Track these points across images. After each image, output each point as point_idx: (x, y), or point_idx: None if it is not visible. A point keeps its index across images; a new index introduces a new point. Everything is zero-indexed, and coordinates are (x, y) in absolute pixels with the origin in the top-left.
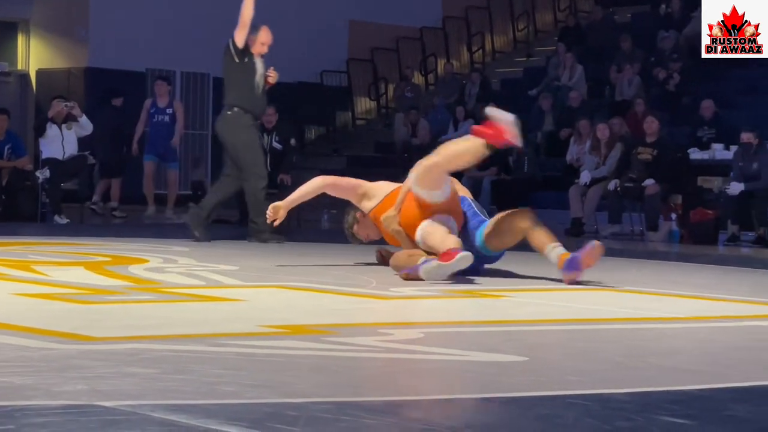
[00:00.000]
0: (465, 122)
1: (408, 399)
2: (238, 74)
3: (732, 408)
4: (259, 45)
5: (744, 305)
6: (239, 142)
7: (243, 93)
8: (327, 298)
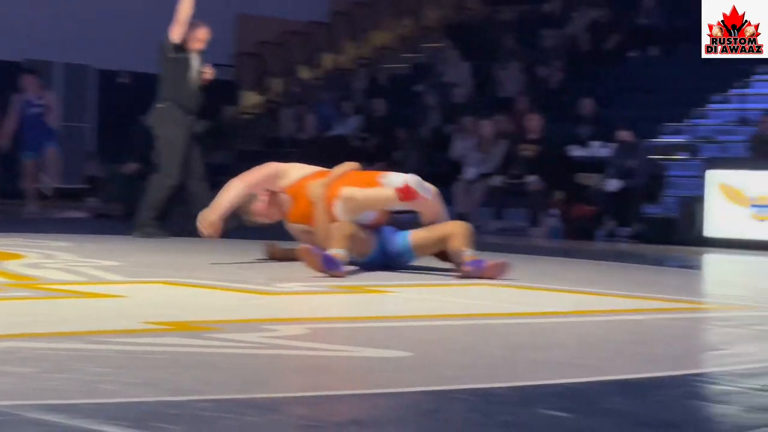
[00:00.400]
0: (352, 117)
1: (293, 396)
2: (172, 69)
3: (609, 401)
4: (196, 41)
5: (620, 300)
6: (163, 136)
7: (176, 88)
8: (211, 294)
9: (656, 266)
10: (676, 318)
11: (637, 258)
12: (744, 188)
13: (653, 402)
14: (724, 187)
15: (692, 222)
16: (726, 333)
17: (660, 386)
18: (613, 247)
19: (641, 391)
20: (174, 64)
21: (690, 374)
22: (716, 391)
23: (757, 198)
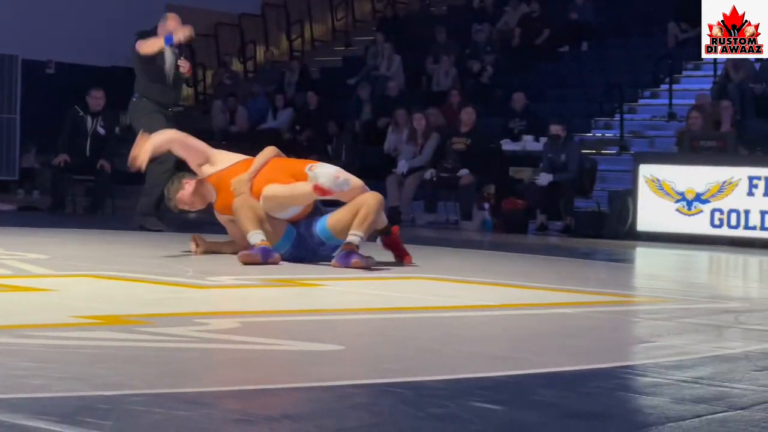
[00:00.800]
0: (284, 110)
1: (224, 389)
2: (145, 64)
3: (539, 393)
4: (166, 33)
5: (550, 293)
6: (139, 128)
7: (149, 82)
8: (141, 287)
9: (587, 260)
10: (606, 311)
11: (568, 251)
12: (673, 182)
13: (583, 394)
14: (654, 181)
15: (622, 216)
16: (655, 325)
17: (590, 378)
18: (544, 241)
19: (571, 384)
20: (147, 59)
21: (619, 366)
22: (645, 382)
23: (685, 192)
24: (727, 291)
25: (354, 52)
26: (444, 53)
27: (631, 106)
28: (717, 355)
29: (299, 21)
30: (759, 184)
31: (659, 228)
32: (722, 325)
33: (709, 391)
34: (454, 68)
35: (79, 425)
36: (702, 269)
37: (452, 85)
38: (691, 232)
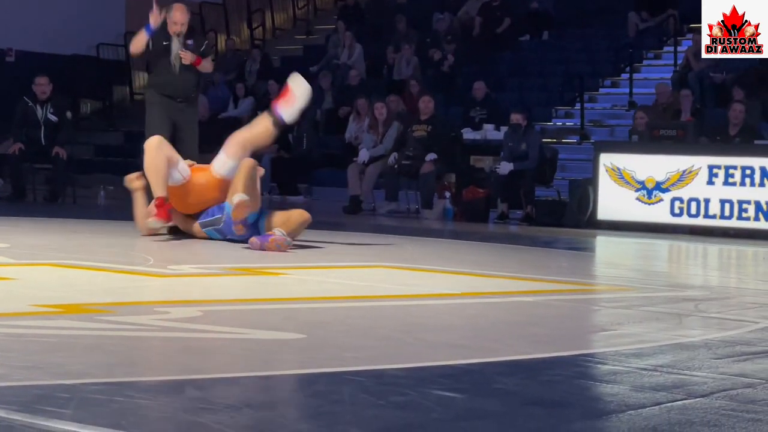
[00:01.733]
0: (245, 99)
1: (185, 378)
2: (153, 55)
3: (500, 381)
4: (173, 24)
5: (511, 281)
6: (145, 121)
7: (156, 74)
8: (102, 276)
9: (547, 248)
10: (566, 299)
11: (529, 240)
12: (633, 171)
13: (543, 382)
14: (614, 170)
15: (583, 205)
16: (615, 314)
17: (550, 366)
18: (505, 230)
19: (532, 372)
20: (153, 50)
21: (580, 354)
22: (605, 370)
23: (645, 181)
24: (687, 279)
25: (315, 41)
26: (405, 42)
27: (591, 95)
28: (677, 343)
29: (260, 9)
30: (719, 173)
31: (620, 217)
32: (682, 313)
33: (669, 379)
34: (415, 57)
35: (39, 414)
36: (662, 258)
37: (413, 74)
38: (651, 220)
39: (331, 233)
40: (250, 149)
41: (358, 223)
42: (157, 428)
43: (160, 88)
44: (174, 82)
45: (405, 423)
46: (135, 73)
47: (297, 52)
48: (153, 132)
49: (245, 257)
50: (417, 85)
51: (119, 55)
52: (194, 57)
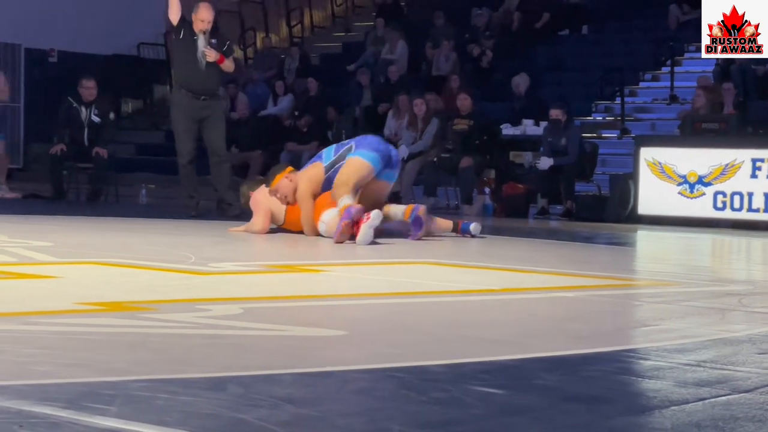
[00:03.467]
0: (284, 97)
1: (227, 375)
2: (177, 52)
3: (541, 377)
4: (199, 22)
5: (552, 277)
6: (171, 119)
7: (181, 71)
8: (145, 274)
9: (588, 244)
10: (607, 294)
11: (570, 236)
12: (674, 165)
13: (584, 378)
14: (655, 164)
15: (623, 199)
16: (657, 309)
17: (591, 362)
18: (545, 225)
19: (572, 368)
20: (177, 46)
21: (621, 350)
22: (647, 366)
23: (687, 175)
24: (730, 274)
25: (354, 37)
26: (444, 38)
27: (631, 89)
28: (720, 338)
29: (299, 7)
30: (762, 166)
31: (661, 211)
32: (725, 308)
33: (713, 375)
34: (454, 53)
35: (84, 411)
36: (705, 252)
37: (452, 69)
38: (693, 215)
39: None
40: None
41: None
42: (200, 425)
43: (186, 85)
44: (199, 78)
45: (446, 419)
46: None
47: (336, 49)
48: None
49: (286, 254)
50: (457, 81)
51: (159, 55)
52: (218, 55)
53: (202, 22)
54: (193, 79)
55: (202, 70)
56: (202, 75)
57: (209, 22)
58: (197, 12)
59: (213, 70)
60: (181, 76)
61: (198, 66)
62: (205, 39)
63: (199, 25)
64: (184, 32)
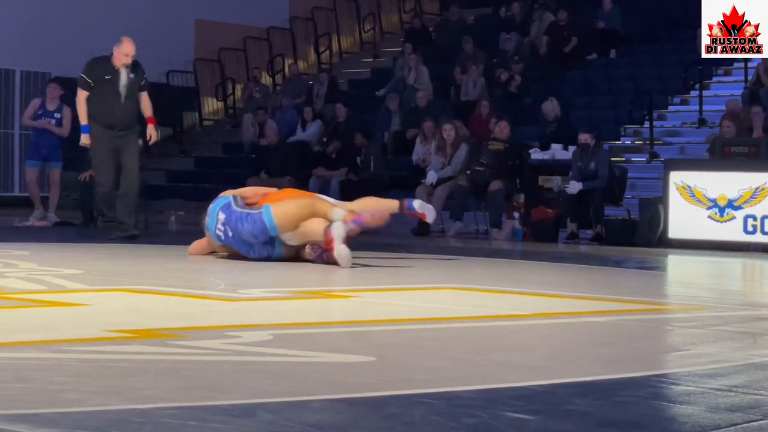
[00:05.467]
0: (313, 123)
1: (257, 402)
2: (98, 87)
3: (573, 402)
4: (122, 56)
5: (582, 301)
6: (92, 154)
7: (100, 105)
8: (174, 301)
9: (618, 268)
10: (638, 319)
11: (599, 260)
12: (704, 189)
13: (617, 403)
14: (685, 188)
15: (653, 224)
16: (688, 333)
17: (623, 387)
18: (575, 250)
19: (605, 393)
20: (99, 82)
21: (653, 375)
22: (679, 391)
23: (717, 199)
24: (762, 298)
25: (382, 63)
26: (472, 63)
27: (660, 112)
28: (752, 363)
29: (327, 33)
30: None
31: (691, 235)
32: (757, 332)
33: (744, 400)
34: (482, 78)
35: None
36: (735, 276)
37: (480, 94)
38: (723, 239)
39: (400, 255)
40: None
41: (426, 244)
42: None
43: (103, 119)
44: (118, 111)
45: None
46: (204, 99)
47: (364, 75)
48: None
49: (314, 280)
50: (487, 106)
51: (189, 82)
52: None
53: (126, 57)
54: (111, 114)
55: (121, 105)
56: (120, 110)
57: (132, 56)
58: (120, 46)
59: (131, 104)
60: (97, 112)
61: (118, 102)
62: (126, 73)
63: (122, 59)
64: (103, 70)
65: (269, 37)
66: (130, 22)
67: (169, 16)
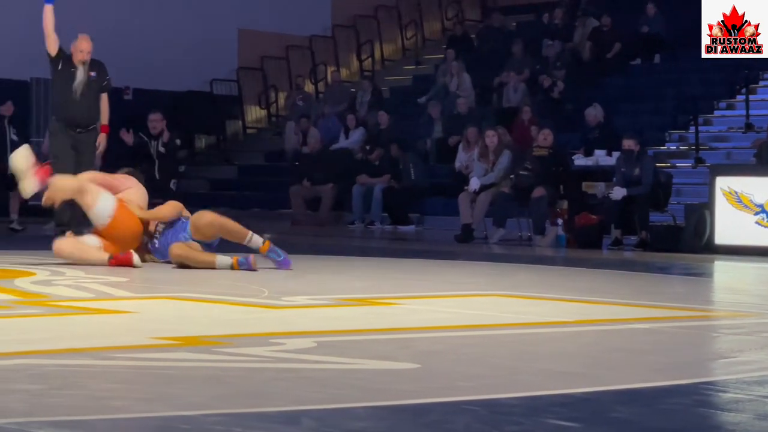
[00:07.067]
0: (356, 130)
1: (301, 408)
2: (56, 83)
3: (616, 410)
4: (78, 53)
5: (626, 308)
6: (52, 150)
7: (60, 102)
8: (218, 308)
9: (663, 274)
10: (684, 326)
11: (644, 267)
12: (751, 195)
13: (662, 411)
14: (731, 193)
15: (699, 229)
16: (735, 340)
17: (668, 395)
18: (619, 256)
19: (649, 400)
20: (58, 77)
21: (699, 383)
22: (726, 399)
23: (764, 204)
24: None
25: (424, 70)
26: (520, 67)
27: (706, 117)
28: None
29: (369, 41)
30: None
31: (738, 241)
32: None
33: None
34: (523, 84)
35: None
36: None
37: (522, 100)
38: None
39: (443, 262)
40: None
41: (470, 251)
42: None
43: (63, 115)
44: (73, 109)
45: None
46: (247, 108)
47: (406, 82)
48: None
49: (358, 287)
50: (528, 113)
51: (232, 91)
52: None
53: (81, 53)
54: (69, 112)
55: (77, 102)
56: (77, 108)
57: (88, 52)
58: (76, 43)
59: (89, 102)
60: (57, 108)
61: (74, 97)
62: (84, 70)
63: (78, 56)
64: (63, 64)
65: (311, 45)
66: (173, 32)
67: (212, 25)
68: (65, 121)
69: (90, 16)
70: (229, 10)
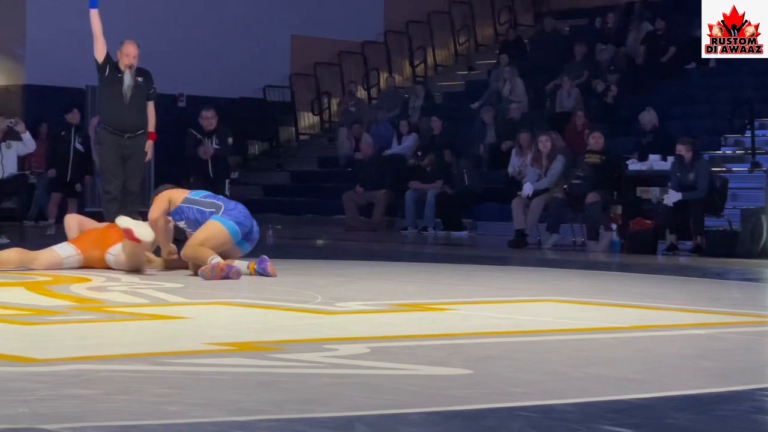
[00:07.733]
0: (408, 136)
1: (354, 414)
2: (104, 89)
3: (672, 416)
4: (124, 57)
5: (681, 314)
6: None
7: (108, 108)
8: (272, 314)
9: (719, 280)
10: (740, 331)
11: (700, 272)
12: None
13: (719, 417)
14: None
15: (756, 234)
16: None
17: (724, 401)
18: (674, 261)
19: (706, 406)
20: (106, 84)
21: (756, 388)
22: None
23: None
24: None
25: (476, 75)
26: (578, 71)
27: (762, 121)
28: None
29: (421, 47)
30: None
31: None
32: None
33: None
34: (577, 88)
35: None
36: None
37: (575, 105)
38: None
39: (497, 268)
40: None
41: (523, 257)
42: None
43: (110, 123)
44: (123, 115)
45: None
46: (300, 114)
47: (459, 87)
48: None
49: (411, 293)
50: (582, 117)
51: (285, 97)
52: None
53: (127, 57)
54: (118, 117)
55: (126, 107)
56: (126, 113)
57: (135, 57)
58: (123, 48)
59: (137, 107)
60: (106, 114)
61: (123, 103)
62: (131, 74)
63: (124, 60)
64: (110, 70)
65: (364, 51)
66: (228, 39)
67: (265, 32)
68: (114, 126)
69: (143, 23)
70: (282, 16)
